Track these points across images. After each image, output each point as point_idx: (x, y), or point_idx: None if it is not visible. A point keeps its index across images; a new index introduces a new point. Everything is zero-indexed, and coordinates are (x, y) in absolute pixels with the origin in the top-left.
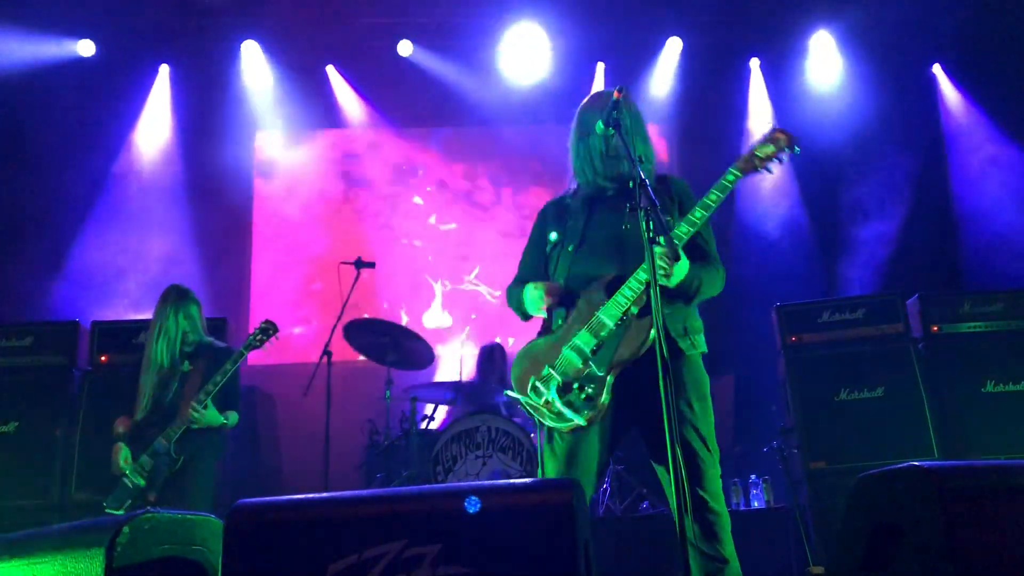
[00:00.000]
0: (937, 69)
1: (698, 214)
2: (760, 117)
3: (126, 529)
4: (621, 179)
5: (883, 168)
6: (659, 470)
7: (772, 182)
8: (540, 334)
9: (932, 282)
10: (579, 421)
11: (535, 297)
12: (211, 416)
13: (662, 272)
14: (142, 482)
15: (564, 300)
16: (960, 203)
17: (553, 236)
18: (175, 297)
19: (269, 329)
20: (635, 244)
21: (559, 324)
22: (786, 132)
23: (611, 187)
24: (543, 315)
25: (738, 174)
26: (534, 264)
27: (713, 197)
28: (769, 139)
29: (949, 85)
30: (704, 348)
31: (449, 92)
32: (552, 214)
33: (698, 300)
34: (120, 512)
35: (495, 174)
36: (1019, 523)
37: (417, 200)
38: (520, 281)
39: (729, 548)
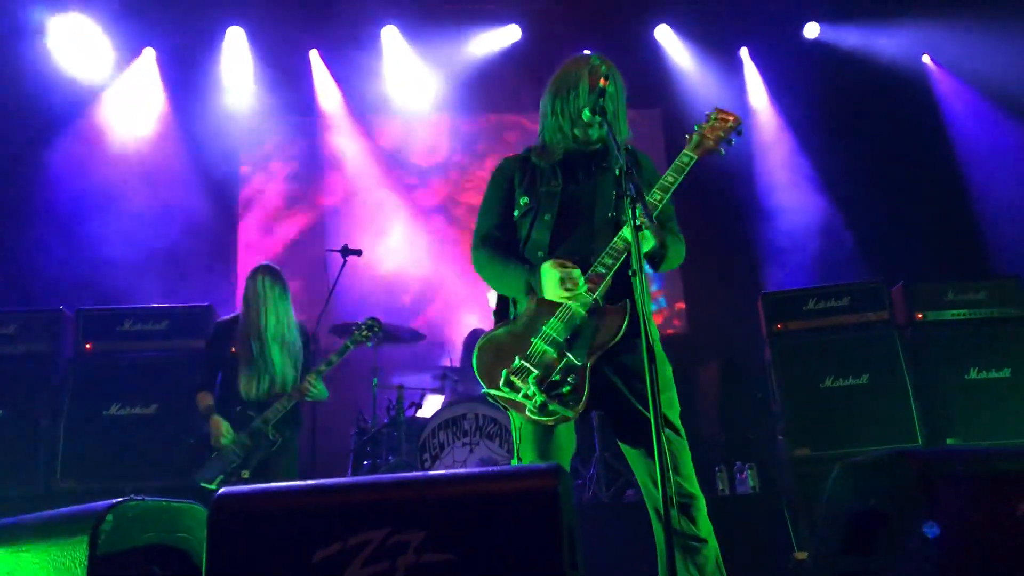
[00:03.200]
0: (926, 59)
1: (657, 196)
2: (756, 103)
3: (110, 517)
4: (594, 143)
5: (877, 156)
6: (625, 449)
7: (766, 169)
8: (498, 322)
9: (921, 269)
10: (569, 414)
11: (554, 279)
12: (321, 390)
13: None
14: (237, 460)
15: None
16: (956, 189)
17: (524, 200)
18: (277, 279)
19: (375, 326)
20: (606, 224)
21: (519, 311)
22: (733, 114)
23: (581, 150)
24: (558, 297)
25: (693, 156)
26: (502, 221)
27: (670, 179)
28: (718, 121)
29: (940, 72)
30: (656, 333)
31: (433, 79)
32: (520, 175)
33: (664, 268)
34: (213, 487)
35: (479, 163)
36: (1000, 507)
37: (403, 188)
38: (488, 240)
39: (706, 528)
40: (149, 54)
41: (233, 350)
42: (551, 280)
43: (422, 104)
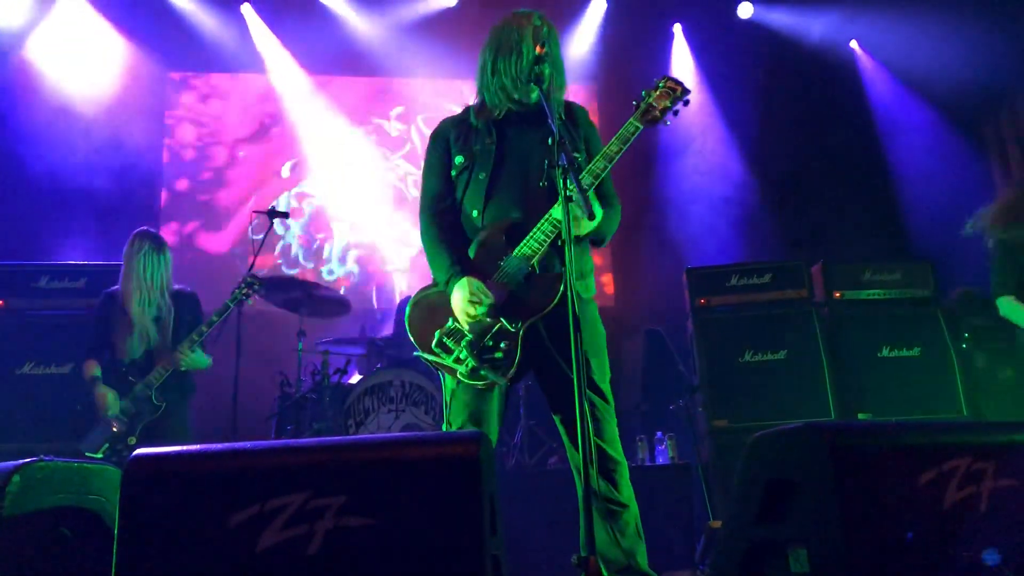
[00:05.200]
0: (855, 44)
1: (600, 164)
2: (685, 78)
3: (16, 478)
4: (531, 104)
5: (804, 138)
6: (557, 418)
7: (698, 147)
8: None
9: (841, 249)
10: (499, 381)
11: (464, 300)
12: (198, 359)
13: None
14: (123, 427)
15: (460, 242)
16: (878, 174)
17: (459, 159)
18: (153, 244)
19: (254, 283)
20: (539, 190)
21: None
22: (680, 83)
23: (521, 110)
24: (457, 312)
25: (639, 126)
26: (443, 185)
27: (615, 148)
28: (666, 90)
29: (867, 58)
30: (594, 290)
31: (366, 42)
32: (455, 135)
33: (604, 243)
34: (98, 455)
35: (410, 128)
36: (903, 478)
37: (334, 149)
38: (432, 208)
39: (627, 493)
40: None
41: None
42: (459, 299)
43: (368, 64)
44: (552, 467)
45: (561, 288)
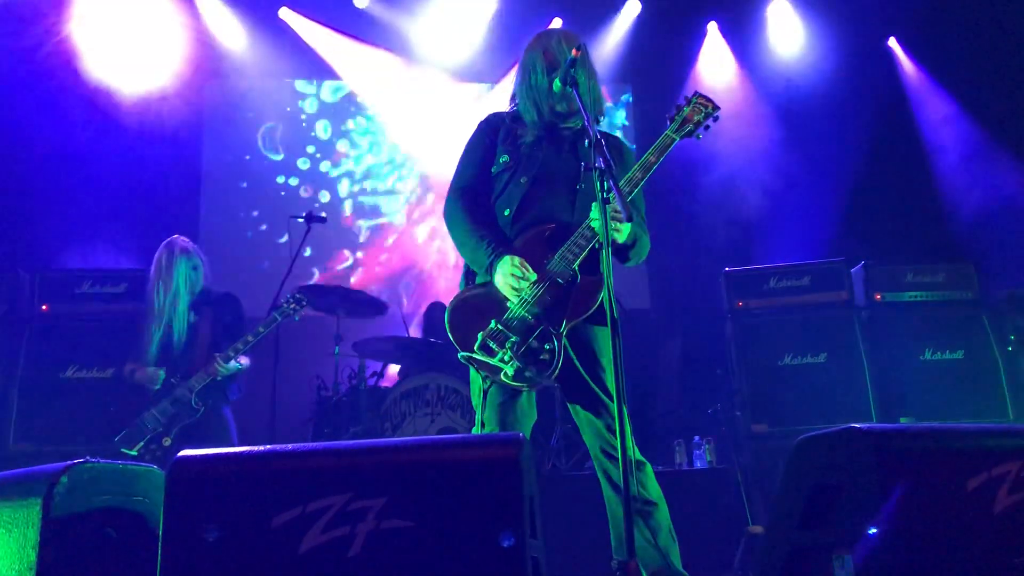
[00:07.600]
0: (893, 43)
1: (639, 174)
2: (718, 79)
3: (64, 479)
4: (569, 120)
5: (842, 136)
6: (576, 418)
7: (731, 147)
8: (467, 282)
9: (882, 250)
10: (546, 381)
11: (508, 275)
12: (232, 367)
13: (612, 228)
14: (159, 427)
15: (501, 245)
16: (920, 173)
17: (504, 158)
18: (182, 249)
19: (303, 299)
20: (586, 195)
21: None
22: (711, 100)
23: (559, 125)
24: (503, 288)
25: (675, 138)
26: (478, 175)
27: (652, 158)
28: (699, 105)
29: (906, 58)
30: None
31: (399, 45)
32: (502, 133)
33: (632, 262)
34: (134, 452)
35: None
36: (951, 483)
37: (373, 157)
38: (466, 195)
39: (656, 492)
40: None
41: None
42: (503, 277)
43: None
44: (588, 471)
45: (604, 292)
